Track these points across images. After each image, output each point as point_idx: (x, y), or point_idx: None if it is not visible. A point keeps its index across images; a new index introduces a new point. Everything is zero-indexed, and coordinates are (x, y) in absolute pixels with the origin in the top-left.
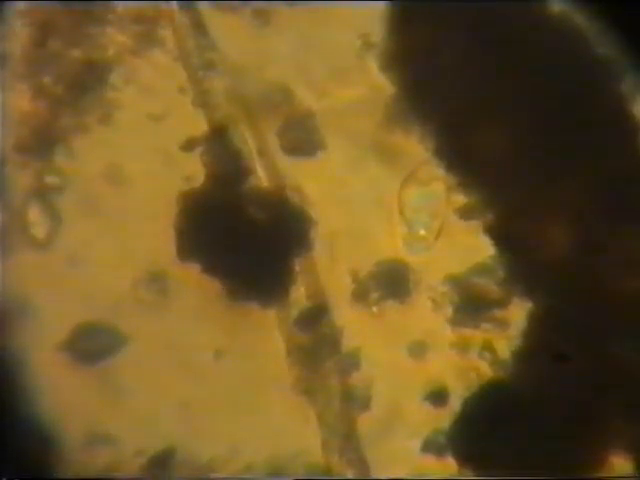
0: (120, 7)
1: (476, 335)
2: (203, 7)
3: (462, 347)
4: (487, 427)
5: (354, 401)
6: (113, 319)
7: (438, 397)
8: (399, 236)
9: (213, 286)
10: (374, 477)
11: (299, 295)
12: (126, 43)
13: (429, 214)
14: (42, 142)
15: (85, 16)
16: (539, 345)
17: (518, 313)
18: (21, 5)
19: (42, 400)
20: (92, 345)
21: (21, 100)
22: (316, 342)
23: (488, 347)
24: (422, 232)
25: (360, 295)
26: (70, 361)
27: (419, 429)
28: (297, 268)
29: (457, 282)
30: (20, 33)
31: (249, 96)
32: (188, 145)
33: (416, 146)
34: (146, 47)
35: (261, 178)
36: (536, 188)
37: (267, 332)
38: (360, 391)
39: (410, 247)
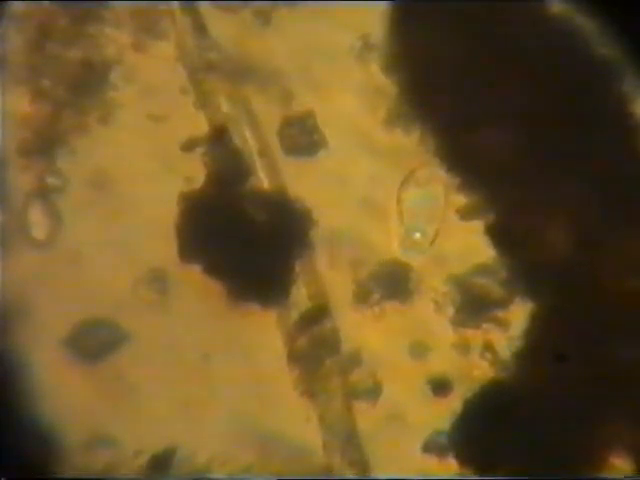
0: (120, 7)
1: (477, 335)
2: (204, 7)
3: (463, 347)
4: (488, 427)
5: (355, 401)
6: (114, 318)
7: (439, 397)
8: (396, 238)
9: (214, 286)
10: (375, 477)
11: (300, 296)
12: (126, 43)
13: (426, 217)
14: (43, 143)
15: (83, 16)
16: (540, 345)
17: (519, 313)
18: (18, 5)
19: (42, 400)
20: (92, 344)
21: (21, 102)
22: (317, 343)
23: (489, 347)
24: (417, 236)
25: (361, 296)
26: (70, 360)
27: (420, 429)
28: (298, 269)
29: (458, 282)
30: (18, 35)
31: (249, 96)
32: (189, 145)
33: (416, 146)
34: (147, 47)
35: (262, 179)
36: (536, 188)
37: (268, 333)
38: (361, 391)
39: (405, 250)
